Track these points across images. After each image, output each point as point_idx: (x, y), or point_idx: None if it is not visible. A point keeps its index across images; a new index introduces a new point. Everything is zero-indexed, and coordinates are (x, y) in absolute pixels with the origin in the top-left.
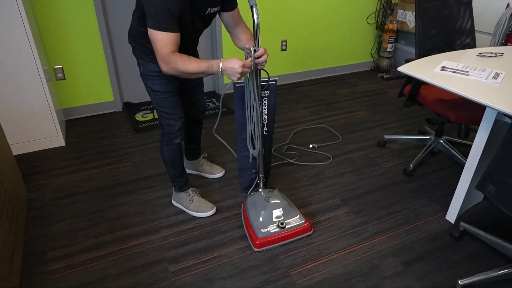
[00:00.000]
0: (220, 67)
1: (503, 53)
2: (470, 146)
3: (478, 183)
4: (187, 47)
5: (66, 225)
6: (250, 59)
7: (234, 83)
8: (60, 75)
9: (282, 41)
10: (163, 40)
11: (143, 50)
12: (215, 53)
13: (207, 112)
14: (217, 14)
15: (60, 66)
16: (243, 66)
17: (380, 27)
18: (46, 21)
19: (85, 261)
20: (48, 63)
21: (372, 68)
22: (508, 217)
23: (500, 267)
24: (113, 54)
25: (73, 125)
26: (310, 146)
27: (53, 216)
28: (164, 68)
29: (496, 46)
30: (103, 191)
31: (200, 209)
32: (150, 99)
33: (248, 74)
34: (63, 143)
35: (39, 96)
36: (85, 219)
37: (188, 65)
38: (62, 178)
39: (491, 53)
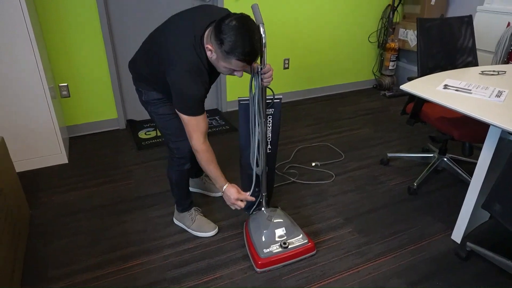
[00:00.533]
0: (223, 189)
1: (505, 71)
2: (474, 164)
3: (484, 202)
4: None
5: (68, 243)
6: (248, 193)
7: (239, 100)
8: (65, 92)
9: (285, 60)
10: (196, 125)
11: (146, 81)
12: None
13: (209, 130)
14: None
15: (65, 84)
16: (237, 199)
17: (382, 46)
18: (52, 39)
19: (86, 280)
20: (54, 81)
21: (374, 86)
22: None
23: None
24: (118, 71)
25: (77, 142)
26: (313, 164)
27: (55, 233)
28: (195, 149)
29: (498, 64)
30: (106, 209)
31: (202, 229)
32: None
33: (253, 91)
34: (66, 160)
35: (43, 113)
36: (87, 237)
37: (208, 164)
38: (64, 196)
39: (494, 71)
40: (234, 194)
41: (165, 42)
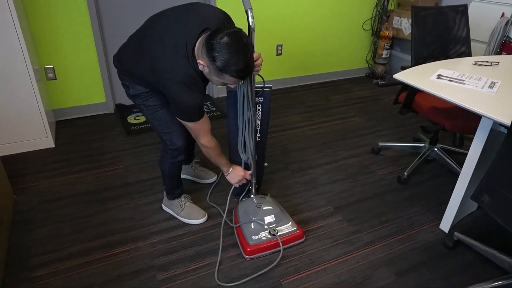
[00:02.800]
0: (227, 174)
1: (498, 62)
2: (465, 154)
3: (473, 193)
4: None
5: (52, 229)
6: (249, 172)
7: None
8: (51, 75)
9: (278, 46)
10: (201, 129)
11: (133, 77)
12: None
13: None
14: None
15: (51, 66)
16: (244, 175)
17: (376, 34)
18: (37, 19)
19: (70, 267)
20: (39, 63)
21: (367, 74)
22: (503, 228)
23: (495, 279)
24: (106, 54)
25: (64, 126)
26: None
27: (39, 220)
28: (204, 145)
29: (491, 54)
30: (92, 195)
31: (192, 216)
32: None
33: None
34: (52, 145)
35: (28, 96)
36: (72, 224)
37: (217, 158)
38: (50, 181)
39: (487, 61)
40: (241, 171)
41: (156, 54)
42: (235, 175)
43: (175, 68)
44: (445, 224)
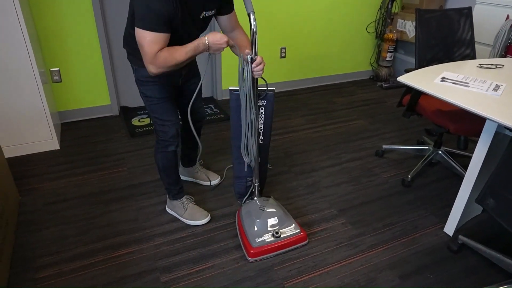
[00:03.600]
0: (207, 42)
1: (503, 65)
2: (469, 157)
3: (478, 196)
4: None
5: (57, 231)
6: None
7: (231, 89)
8: (56, 77)
9: (282, 49)
10: (150, 40)
11: (137, 54)
12: (213, 59)
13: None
14: (214, 17)
15: (57, 69)
16: (228, 41)
17: (380, 36)
18: (44, 22)
19: (74, 269)
20: (45, 65)
21: (371, 77)
22: (507, 231)
23: (499, 283)
24: (111, 57)
25: (69, 128)
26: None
27: (44, 221)
28: (153, 69)
29: (496, 57)
30: (96, 197)
31: (195, 217)
32: None
33: (244, 82)
34: (57, 147)
35: (34, 98)
36: (77, 226)
37: (177, 56)
38: (55, 183)
39: (492, 64)
40: (222, 36)
41: None
42: (216, 41)
43: None
44: (450, 227)
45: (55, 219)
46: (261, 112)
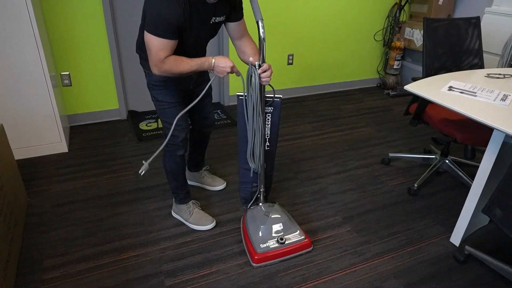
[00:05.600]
0: (212, 63)
1: (511, 75)
2: (476, 167)
3: (485, 206)
4: (193, 57)
5: (64, 233)
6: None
7: (238, 95)
8: (66, 81)
9: (289, 55)
10: (157, 46)
11: (147, 59)
12: None
13: None
14: (223, 24)
15: (67, 73)
16: (233, 67)
17: (387, 45)
18: (55, 27)
19: (81, 271)
20: (55, 69)
21: (378, 84)
22: None
23: None
24: (120, 62)
25: (77, 131)
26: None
27: (51, 223)
28: (156, 71)
29: (504, 67)
30: (103, 200)
31: (200, 222)
32: (154, 108)
33: (251, 88)
34: (66, 149)
35: (44, 102)
36: (84, 228)
37: (182, 68)
38: (63, 185)
39: (500, 74)
40: (229, 62)
41: None
42: (222, 67)
43: None
44: (456, 238)
45: (62, 220)
46: (268, 119)
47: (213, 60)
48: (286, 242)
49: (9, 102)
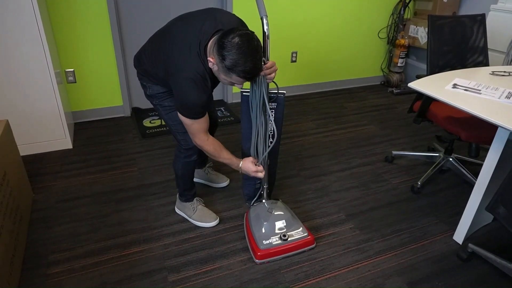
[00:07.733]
0: (240, 166)
1: None
2: (480, 165)
3: (489, 204)
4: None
5: (69, 228)
6: (260, 168)
7: (242, 92)
8: (71, 78)
9: (293, 53)
10: (198, 128)
11: (150, 77)
12: None
13: None
14: None
15: (72, 70)
16: (256, 171)
17: (392, 42)
18: (60, 24)
19: (85, 266)
20: (60, 66)
21: (382, 82)
22: None
23: None
24: (124, 59)
25: (82, 128)
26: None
27: (56, 218)
28: (196, 144)
29: (509, 64)
30: (107, 196)
31: (204, 219)
32: None
33: (255, 85)
34: (70, 146)
35: (49, 98)
36: (88, 223)
37: (217, 156)
38: (67, 181)
39: (505, 72)
40: (251, 168)
41: (171, 51)
42: (246, 172)
43: (186, 65)
44: (459, 235)
45: (67, 216)
46: (272, 115)
47: (240, 164)
48: (289, 239)
49: (14, 99)
